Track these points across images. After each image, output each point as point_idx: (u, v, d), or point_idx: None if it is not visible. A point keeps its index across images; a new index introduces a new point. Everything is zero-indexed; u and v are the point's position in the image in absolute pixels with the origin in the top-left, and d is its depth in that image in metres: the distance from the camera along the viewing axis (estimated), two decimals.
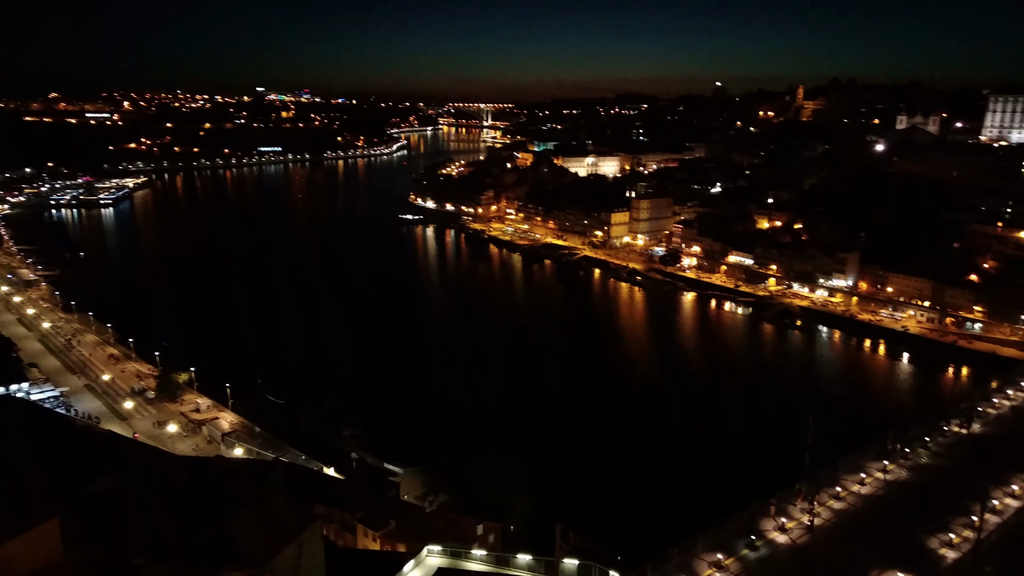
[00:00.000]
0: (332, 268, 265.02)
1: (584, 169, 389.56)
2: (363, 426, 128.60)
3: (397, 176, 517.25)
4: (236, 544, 46.84)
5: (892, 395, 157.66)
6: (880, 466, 50.80)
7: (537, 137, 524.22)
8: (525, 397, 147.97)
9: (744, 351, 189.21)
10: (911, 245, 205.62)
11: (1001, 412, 60.46)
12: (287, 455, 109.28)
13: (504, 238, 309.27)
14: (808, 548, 42.65)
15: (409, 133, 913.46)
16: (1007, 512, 45.57)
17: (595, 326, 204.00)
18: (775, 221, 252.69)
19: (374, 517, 74.14)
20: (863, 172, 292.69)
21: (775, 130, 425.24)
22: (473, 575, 59.43)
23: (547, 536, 38.54)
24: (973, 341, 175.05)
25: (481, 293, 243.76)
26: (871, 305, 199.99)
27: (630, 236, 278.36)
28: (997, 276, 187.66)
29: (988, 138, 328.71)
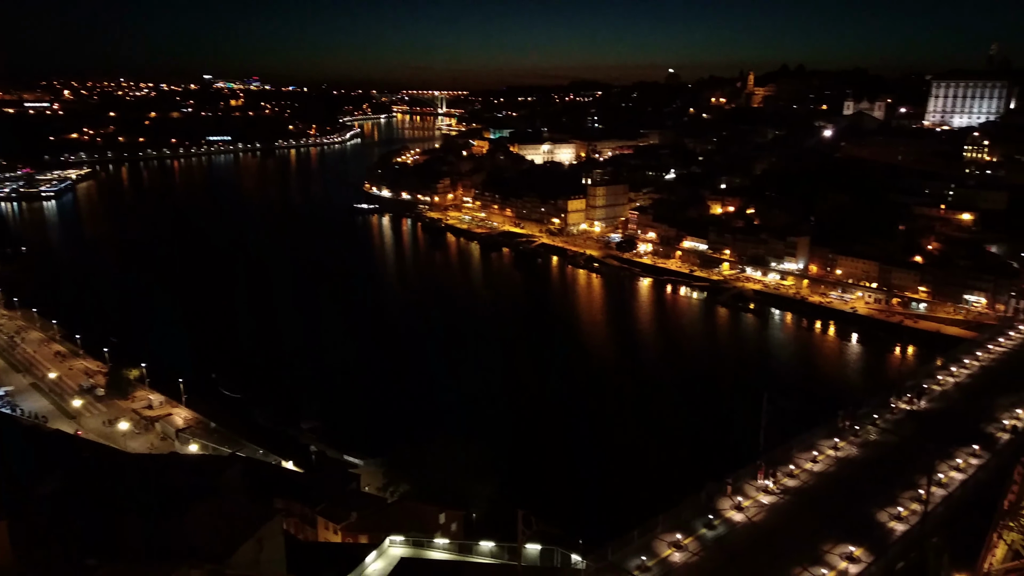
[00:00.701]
0: (286, 260, 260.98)
1: (540, 156, 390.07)
2: (321, 419, 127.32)
3: (351, 165, 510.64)
4: (194, 541, 46.06)
5: (842, 374, 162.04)
6: (831, 443, 52.23)
7: (493, 124, 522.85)
8: (484, 385, 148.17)
9: (700, 335, 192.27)
10: (858, 228, 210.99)
11: (945, 388, 62.62)
12: (244, 450, 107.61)
13: (461, 226, 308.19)
14: (763, 525, 43.68)
15: (362, 121, 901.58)
16: (952, 485, 47.33)
17: (554, 313, 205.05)
18: (728, 206, 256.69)
19: (335, 509, 73.60)
20: (812, 157, 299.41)
21: (727, 116, 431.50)
22: (436, 563, 59.45)
23: (509, 522, 38.72)
24: (918, 321, 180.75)
25: (439, 282, 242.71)
26: (821, 287, 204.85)
27: (587, 223, 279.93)
28: (940, 257, 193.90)
29: (931, 123, 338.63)
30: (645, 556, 39.73)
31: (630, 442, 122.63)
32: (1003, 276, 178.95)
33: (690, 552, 40.59)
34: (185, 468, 75.62)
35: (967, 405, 59.53)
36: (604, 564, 38.75)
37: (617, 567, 38.49)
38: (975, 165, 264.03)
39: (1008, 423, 55.86)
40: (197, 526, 47.60)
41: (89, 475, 65.40)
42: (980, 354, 69.96)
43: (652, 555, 39.93)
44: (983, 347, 71.45)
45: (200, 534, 46.80)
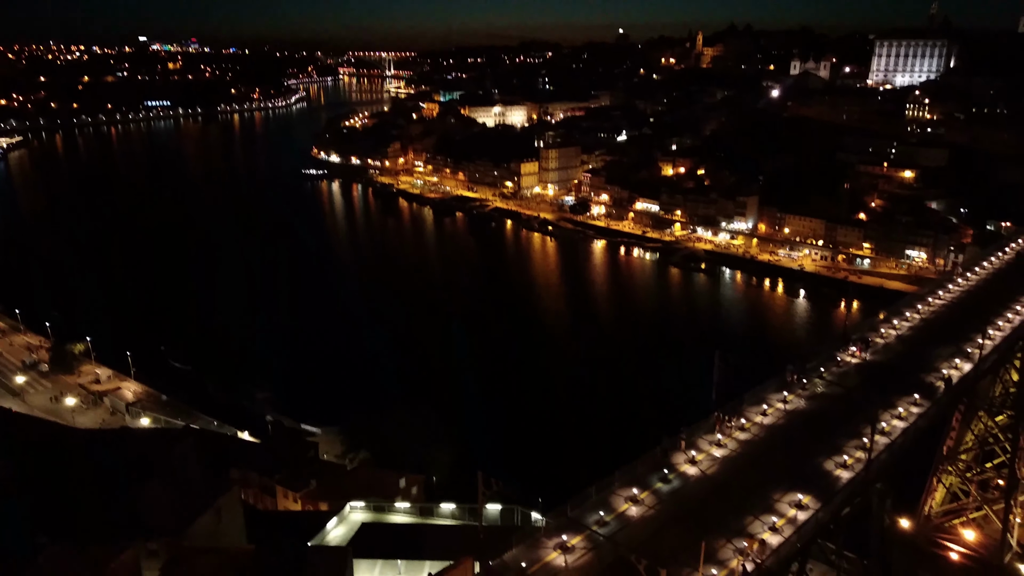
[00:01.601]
0: (231, 228, 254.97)
1: (491, 119, 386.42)
2: (276, 388, 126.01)
3: (298, 129, 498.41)
4: (149, 516, 45.46)
5: (791, 330, 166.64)
6: (780, 397, 53.73)
7: (442, 87, 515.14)
8: (440, 351, 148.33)
9: (653, 296, 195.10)
10: (805, 187, 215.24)
11: (888, 341, 64.74)
12: (198, 422, 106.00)
13: (414, 191, 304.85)
14: (716, 477, 44.94)
15: (308, 84, 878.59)
16: (894, 433, 49.21)
17: (509, 277, 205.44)
18: (679, 167, 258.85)
19: (294, 478, 73.30)
20: (760, 117, 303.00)
21: (677, 77, 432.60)
22: (397, 527, 59.88)
23: (469, 484, 39.17)
24: (862, 276, 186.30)
25: (392, 249, 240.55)
26: (770, 246, 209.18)
27: (540, 186, 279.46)
28: (883, 214, 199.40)
29: (875, 82, 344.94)
30: (603, 511, 40.56)
31: (586, 402, 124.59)
32: (942, 232, 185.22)
33: (646, 506, 41.58)
34: (137, 443, 74.33)
35: (908, 357, 61.75)
36: (563, 520, 39.46)
37: (576, 522, 39.25)
38: (916, 123, 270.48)
39: (946, 373, 58.18)
40: (152, 501, 46.96)
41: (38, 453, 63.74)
42: (920, 307, 72.45)
43: (609, 510, 40.79)
44: (923, 300, 73.97)
45: (156, 508, 46.21)
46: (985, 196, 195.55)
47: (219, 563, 41.91)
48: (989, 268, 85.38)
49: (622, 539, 38.21)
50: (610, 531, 39.24)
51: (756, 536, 35.25)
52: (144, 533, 43.49)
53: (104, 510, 47.35)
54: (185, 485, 50.19)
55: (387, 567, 52.08)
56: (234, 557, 43.19)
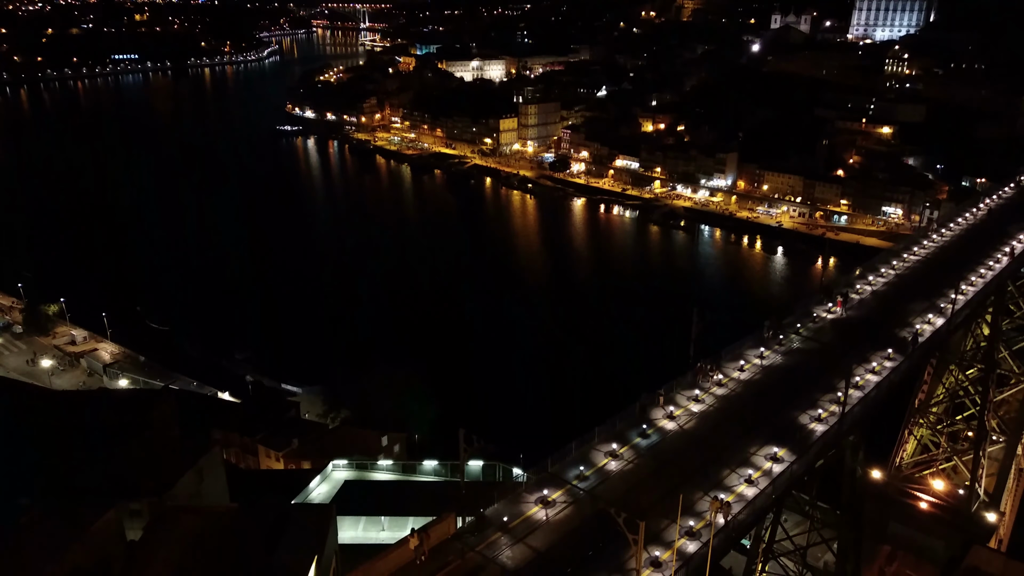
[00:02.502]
0: (206, 185, 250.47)
1: (469, 73, 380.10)
2: (255, 348, 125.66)
3: (271, 84, 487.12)
4: (131, 477, 45.42)
5: (768, 286, 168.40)
6: (757, 352, 54.42)
7: (419, 40, 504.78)
8: (420, 309, 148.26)
9: (632, 253, 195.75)
10: (784, 143, 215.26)
11: (863, 297, 65.55)
12: (177, 382, 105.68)
13: (391, 148, 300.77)
14: (694, 431, 45.58)
15: (280, 37, 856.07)
16: (868, 386, 50.12)
17: (489, 236, 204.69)
18: (659, 124, 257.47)
19: (275, 438, 73.57)
20: (741, 72, 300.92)
21: (657, 31, 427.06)
22: (380, 484, 60.46)
23: (451, 442, 39.46)
24: (839, 233, 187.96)
25: (370, 206, 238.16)
26: (749, 203, 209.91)
27: (519, 143, 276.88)
28: (860, 171, 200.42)
29: (855, 36, 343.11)
30: (583, 466, 41.16)
31: (567, 359, 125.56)
32: (919, 188, 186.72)
33: (625, 460, 42.25)
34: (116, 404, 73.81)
35: (883, 312, 62.63)
36: (544, 475, 40.00)
37: (556, 477, 39.80)
38: (895, 79, 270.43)
39: (919, 327, 59.16)
40: (133, 461, 46.85)
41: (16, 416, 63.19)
42: (895, 263, 73.29)
43: (589, 465, 41.41)
44: (898, 256, 74.79)
45: (137, 469, 46.13)
46: (961, 152, 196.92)
47: (202, 522, 42.07)
48: (963, 224, 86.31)
49: (602, 493, 38.85)
50: (590, 485, 39.86)
51: (720, 498, 35.87)
52: (126, 494, 43.48)
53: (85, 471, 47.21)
54: (166, 445, 50.08)
55: (370, 523, 52.69)
56: (217, 516, 43.35)
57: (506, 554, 34.65)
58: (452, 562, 33.98)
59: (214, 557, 37.97)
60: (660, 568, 33.90)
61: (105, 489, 42.95)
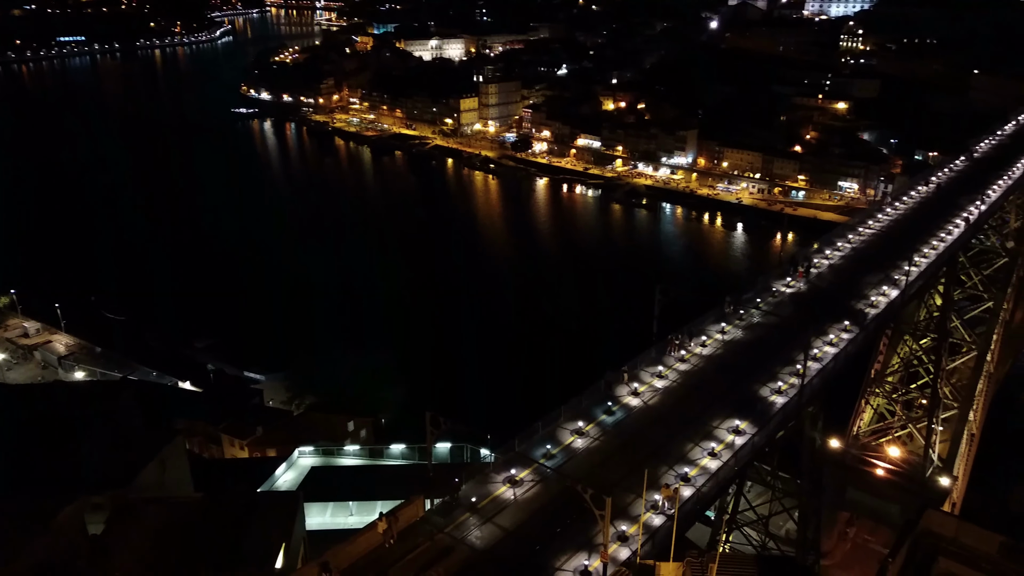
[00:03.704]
0: (160, 171, 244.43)
1: (429, 52, 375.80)
2: (216, 336, 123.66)
3: (225, 65, 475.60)
4: (91, 470, 44.62)
5: (729, 262, 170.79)
6: (719, 328, 55.21)
7: (375, 18, 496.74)
8: (384, 292, 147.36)
9: (595, 232, 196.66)
10: (743, 120, 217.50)
11: (820, 270, 66.82)
12: (136, 373, 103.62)
13: (350, 130, 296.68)
14: (658, 407, 46.17)
15: (233, 17, 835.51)
16: (826, 358, 51.25)
17: (452, 216, 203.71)
18: (620, 102, 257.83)
19: (239, 426, 72.72)
20: (700, 49, 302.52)
21: (617, 8, 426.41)
22: (347, 469, 60.27)
23: (419, 424, 39.46)
24: (797, 208, 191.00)
25: (331, 188, 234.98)
26: (709, 180, 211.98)
27: (481, 123, 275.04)
28: (817, 146, 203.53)
29: (811, 12, 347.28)
30: (550, 445, 41.52)
31: (532, 339, 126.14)
32: (873, 162, 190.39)
33: (591, 437, 42.70)
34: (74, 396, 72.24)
35: (840, 285, 63.97)
36: (512, 455, 40.26)
37: (524, 457, 40.10)
38: (850, 54, 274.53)
39: (874, 299, 60.58)
40: (93, 454, 46.01)
41: None
42: (851, 237, 74.84)
43: (556, 443, 41.78)
44: (854, 230, 76.36)
45: (97, 462, 45.33)
46: (915, 126, 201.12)
47: (167, 513, 41.61)
48: (916, 197, 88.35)
49: (569, 470, 39.27)
50: (557, 463, 40.25)
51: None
52: (87, 487, 42.73)
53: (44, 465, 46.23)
54: (127, 437, 49.25)
55: (338, 509, 52.57)
56: (182, 506, 42.93)
57: (475, 534, 34.89)
58: (421, 544, 34.09)
59: (180, 548, 37.59)
60: (627, 542, 34.44)
61: (65, 483, 42.13)
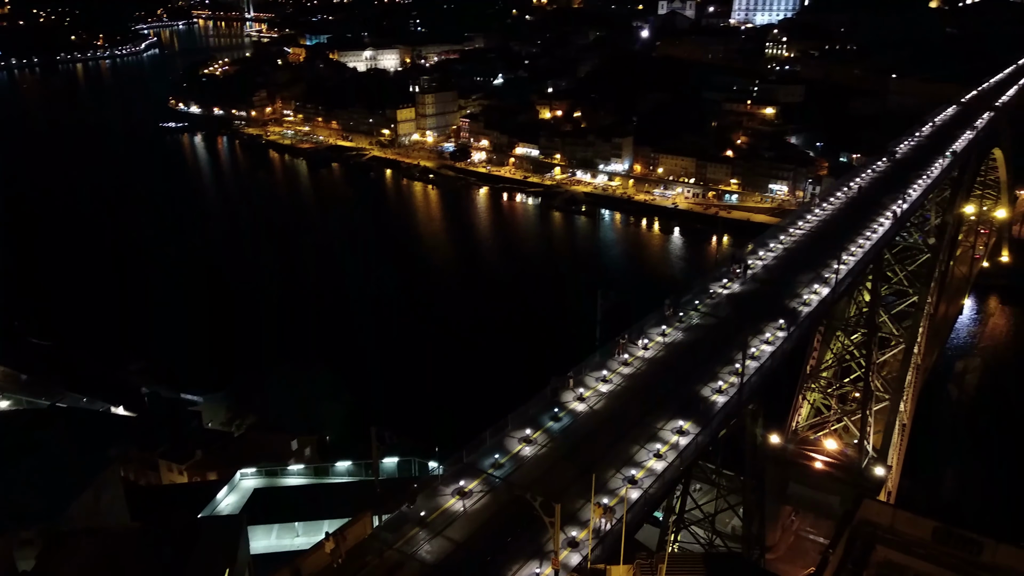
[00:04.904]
0: (84, 188, 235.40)
1: (363, 64, 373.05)
2: (150, 358, 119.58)
3: (151, 79, 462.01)
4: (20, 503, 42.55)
5: (668, 265, 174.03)
6: (660, 331, 56.04)
7: (308, 30, 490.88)
8: (326, 306, 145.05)
9: (537, 240, 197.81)
10: (675, 126, 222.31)
11: (755, 271, 68.56)
12: (65, 400, 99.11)
13: (284, 142, 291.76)
14: (603, 411, 46.56)
15: (159, 29, 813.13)
16: (763, 357, 52.57)
17: (392, 228, 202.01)
18: (556, 110, 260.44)
19: (177, 450, 70.25)
20: (632, 57, 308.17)
21: (550, 18, 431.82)
22: (292, 490, 58.93)
23: (365, 441, 38.94)
24: (731, 211, 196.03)
25: (266, 203, 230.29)
26: (645, 186, 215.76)
27: (419, 133, 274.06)
28: (748, 150, 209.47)
29: (737, 21, 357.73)
30: (498, 454, 41.45)
31: (477, 348, 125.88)
32: (801, 165, 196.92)
33: (539, 445, 42.79)
34: None
35: (774, 284, 65.75)
36: (460, 466, 40.02)
37: (472, 467, 39.94)
38: (776, 61, 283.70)
39: (807, 298, 62.46)
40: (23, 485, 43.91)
41: None
42: (783, 238, 77.08)
43: (504, 452, 41.73)
44: (785, 231, 78.69)
45: (26, 494, 43.27)
46: (838, 129, 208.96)
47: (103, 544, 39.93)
48: (842, 197, 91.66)
49: (517, 479, 39.25)
50: (506, 472, 40.19)
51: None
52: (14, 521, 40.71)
53: None
54: (58, 467, 47.19)
55: (284, 530, 51.35)
56: (119, 537, 41.28)
57: (425, 548, 34.52)
58: (371, 562, 33.55)
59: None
60: (577, 548, 34.59)
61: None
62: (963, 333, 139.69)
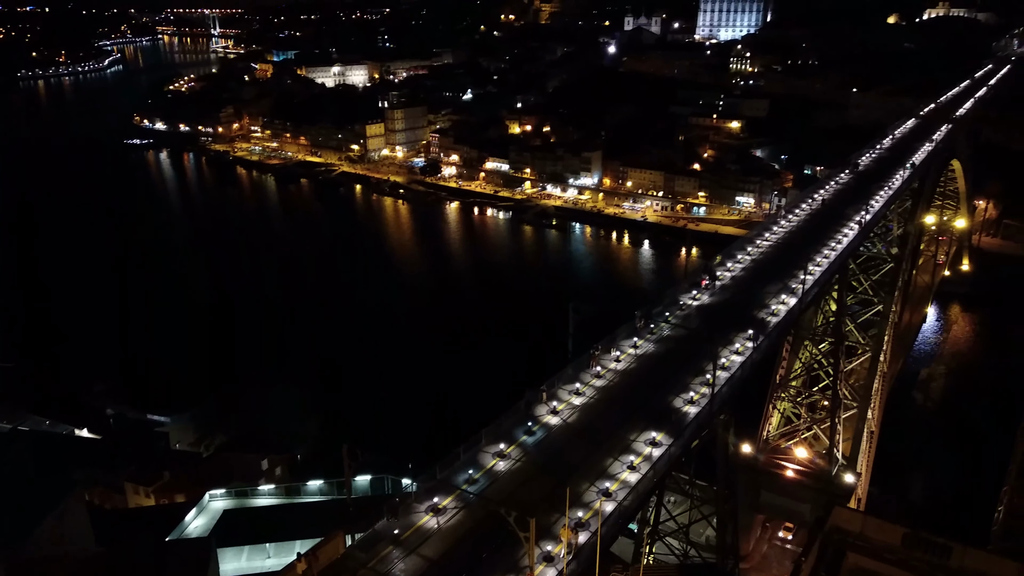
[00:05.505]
0: (48, 205, 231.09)
1: (331, 79, 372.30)
2: (115, 378, 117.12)
3: (115, 96, 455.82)
4: None
5: (638, 278, 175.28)
6: (631, 343, 56.32)
7: (275, 46, 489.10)
8: (296, 323, 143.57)
9: (508, 254, 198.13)
10: (643, 140, 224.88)
11: (723, 282, 69.31)
12: (28, 423, 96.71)
13: (252, 158, 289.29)
14: (577, 424, 46.57)
15: (123, 45, 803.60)
16: (733, 367, 53.08)
17: (363, 244, 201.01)
18: (526, 125, 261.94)
19: (143, 472, 68.89)
20: (599, 72, 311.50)
21: (518, 34, 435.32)
22: (262, 511, 57.98)
23: (336, 459, 38.49)
24: (699, 223, 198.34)
25: (234, 219, 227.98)
26: (615, 199, 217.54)
27: (388, 148, 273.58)
28: (714, 163, 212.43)
29: (701, 37, 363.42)
30: (472, 469, 41.23)
31: (450, 364, 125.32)
32: (767, 177, 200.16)
33: (513, 459, 42.65)
34: None
35: (742, 295, 66.52)
36: (433, 483, 39.71)
37: (446, 484, 39.65)
38: (740, 76, 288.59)
39: (775, 308, 63.28)
40: None
41: None
42: (751, 249, 78.09)
43: (478, 467, 41.53)
44: (752, 243, 79.76)
45: None
46: (802, 142, 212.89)
47: (68, 571, 39.00)
48: (807, 209, 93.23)
49: (492, 494, 39.03)
50: (480, 488, 39.95)
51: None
52: None
53: None
54: (20, 492, 45.97)
55: (254, 552, 50.50)
56: (84, 562, 40.34)
57: (399, 567, 34.14)
58: None
59: None
60: (552, 562, 34.46)
61: None
62: (927, 340, 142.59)
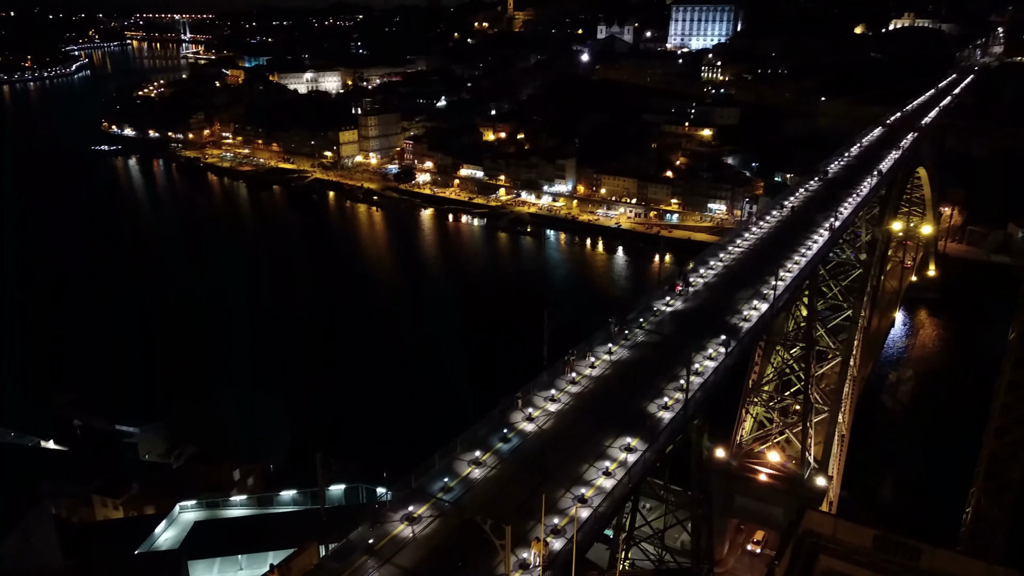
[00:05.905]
0: (10, 214, 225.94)
1: (304, 85, 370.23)
2: (82, 388, 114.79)
3: (83, 102, 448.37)
4: None
5: (612, 284, 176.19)
6: (606, 349, 56.49)
7: (246, 52, 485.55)
8: (270, 331, 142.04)
9: (483, 261, 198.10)
10: (617, 147, 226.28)
11: (696, 288, 69.88)
12: None
13: (224, 165, 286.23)
14: (552, 431, 46.58)
15: (90, 50, 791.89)
16: (707, 372, 53.49)
17: (337, 251, 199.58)
18: (500, 132, 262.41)
19: (112, 484, 67.58)
20: (573, 80, 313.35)
21: (491, 41, 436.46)
22: (234, 521, 57.17)
23: (310, 468, 38.05)
24: (672, 230, 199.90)
25: (205, 227, 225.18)
26: (589, 206, 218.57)
27: (362, 155, 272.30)
28: (687, 171, 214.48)
29: (673, 46, 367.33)
30: (447, 478, 41.00)
31: (425, 371, 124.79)
32: (738, 185, 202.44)
33: (488, 466, 42.51)
34: None
35: (715, 301, 67.09)
36: (408, 492, 39.41)
37: (421, 492, 39.37)
38: (711, 84, 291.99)
39: (747, 313, 63.90)
40: None
41: None
42: (722, 256, 78.84)
43: (454, 475, 41.31)
44: (724, 249, 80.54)
45: None
46: (772, 149, 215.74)
47: None
48: (778, 216, 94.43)
49: (467, 502, 38.84)
50: (455, 496, 39.74)
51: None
52: None
53: None
54: None
55: (226, 564, 49.76)
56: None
57: None
58: None
59: None
60: (528, 569, 34.35)
61: None
62: (895, 345, 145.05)
